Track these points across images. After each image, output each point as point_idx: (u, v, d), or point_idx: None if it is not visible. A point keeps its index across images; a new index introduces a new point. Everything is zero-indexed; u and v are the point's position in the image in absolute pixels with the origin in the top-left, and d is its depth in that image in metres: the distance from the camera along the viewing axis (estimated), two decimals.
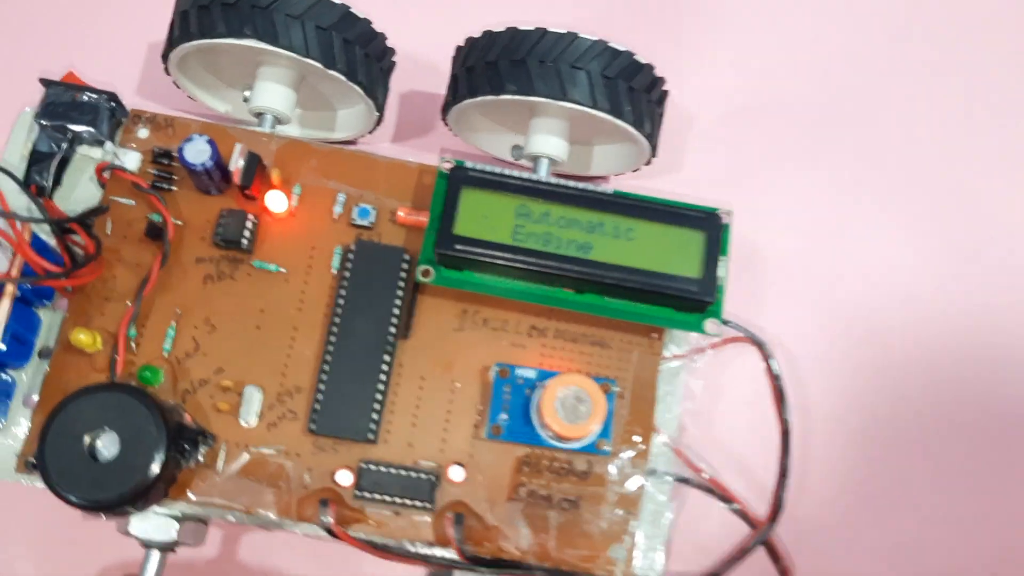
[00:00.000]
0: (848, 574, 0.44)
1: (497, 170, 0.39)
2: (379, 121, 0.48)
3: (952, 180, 0.53)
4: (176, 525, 0.39)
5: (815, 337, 0.49)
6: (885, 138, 0.54)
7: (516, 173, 0.39)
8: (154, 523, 0.39)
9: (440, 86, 0.55)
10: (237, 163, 0.39)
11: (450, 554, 0.37)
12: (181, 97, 0.49)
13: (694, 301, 0.37)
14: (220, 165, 0.39)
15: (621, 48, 0.42)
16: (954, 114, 0.55)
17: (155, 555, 0.39)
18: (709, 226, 0.38)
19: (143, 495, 0.35)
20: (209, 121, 0.43)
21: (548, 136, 0.45)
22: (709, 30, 0.56)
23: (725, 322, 0.38)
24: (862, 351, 0.50)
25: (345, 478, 0.37)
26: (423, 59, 0.53)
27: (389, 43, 0.46)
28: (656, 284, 0.37)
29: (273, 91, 0.45)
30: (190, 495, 0.37)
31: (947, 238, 0.51)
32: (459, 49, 0.46)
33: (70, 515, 0.39)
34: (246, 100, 0.46)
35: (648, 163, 0.47)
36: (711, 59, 0.55)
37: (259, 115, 0.45)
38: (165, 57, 0.45)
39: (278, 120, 0.45)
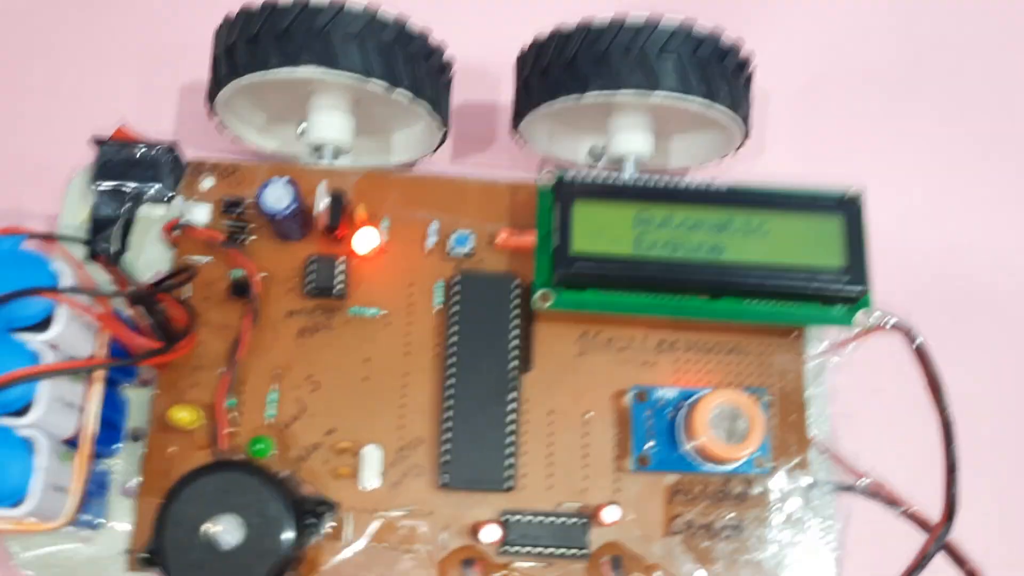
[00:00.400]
0: None
1: (606, 177, 0.36)
2: (444, 138, 0.44)
3: None
4: None
5: (929, 315, 0.46)
6: (976, 95, 0.51)
7: (627, 178, 0.36)
8: None
9: (491, 94, 0.52)
10: (321, 203, 0.36)
11: None
12: (218, 139, 0.46)
13: (843, 294, 0.34)
14: (303, 208, 0.36)
15: (707, 29, 0.39)
16: None
17: None
18: (846, 210, 0.35)
19: None
20: (275, 162, 0.39)
21: (633, 133, 0.42)
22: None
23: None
24: (979, 325, 0.47)
25: (491, 534, 0.33)
26: (469, 68, 0.50)
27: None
28: (802, 280, 0.34)
29: (331, 121, 0.42)
30: (321, 573, 0.34)
31: None
32: (524, 53, 0.43)
33: None
34: (301, 134, 0.42)
35: (737, 150, 0.44)
36: (779, 31, 0.52)
37: (317, 148, 0.42)
38: (212, 98, 0.42)
39: (339, 152, 0.42)
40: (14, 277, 0.29)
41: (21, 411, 0.29)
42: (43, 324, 0.30)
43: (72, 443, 0.32)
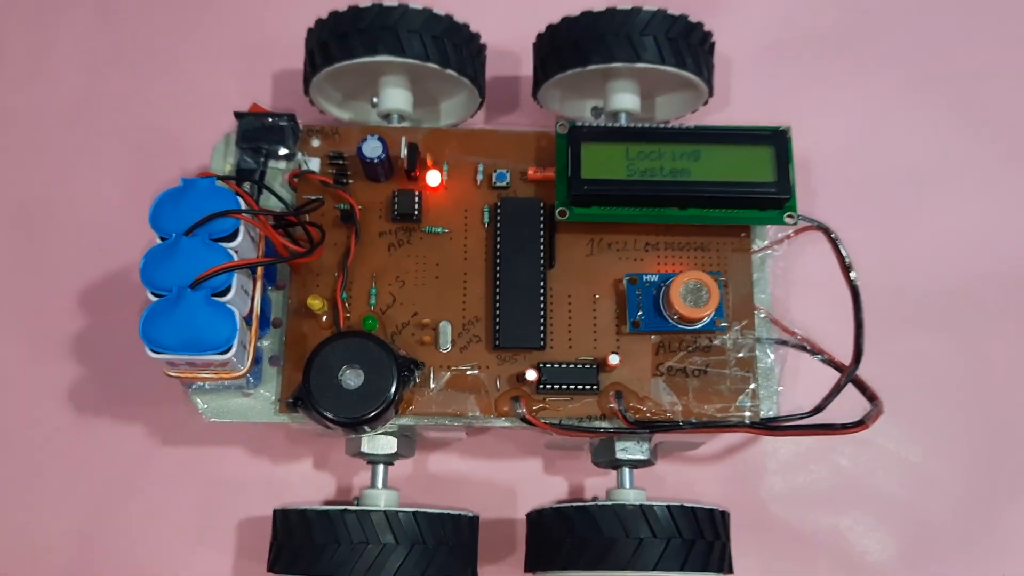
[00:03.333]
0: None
1: (605, 125, 0.50)
2: (481, 104, 0.58)
3: (981, 76, 0.64)
4: (395, 440, 0.50)
5: (868, 232, 0.60)
6: (913, 48, 0.64)
7: (619, 125, 0.50)
8: (379, 442, 0.50)
9: (510, 69, 0.66)
10: (402, 152, 0.50)
11: (615, 424, 0.49)
12: (303, 112, 0.59)
13: (774, 199, 0.48)
14: (389, 156, 0.50)
15: (676, 13, 0.53)
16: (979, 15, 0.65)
17: (381, 467, 0.51)
18: (775, 140, 0.49)
19: (387, 411, 0.46)
20: (364, 125, 0.53)
21: (624, 94, 0.55)
22: None
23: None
24: (908, 242, 0.61)
25: (531, 375, 0.48)
26: (495, 49, 0.63)
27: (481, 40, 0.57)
28: (744, 191, 0.48)
29: (396, 94, 0.55)
30: (413, 409, 0.49)
31: (978, 124, 0.62)
32: (540, 36, 0.56)
33: None
34: (374, 105, 0.56)
35: (705, 103, 0.58)
36: (739, 5, 0.66)
37: (387, 116, 0.56)
38: (308, 80, 0.56)
39: (402, 118, 0.56)
40: (214, 203, 0.43)
41: (222, 293, 0.43)
42: (227, 237, 0.44)
43: (245, 320, 0.46)
